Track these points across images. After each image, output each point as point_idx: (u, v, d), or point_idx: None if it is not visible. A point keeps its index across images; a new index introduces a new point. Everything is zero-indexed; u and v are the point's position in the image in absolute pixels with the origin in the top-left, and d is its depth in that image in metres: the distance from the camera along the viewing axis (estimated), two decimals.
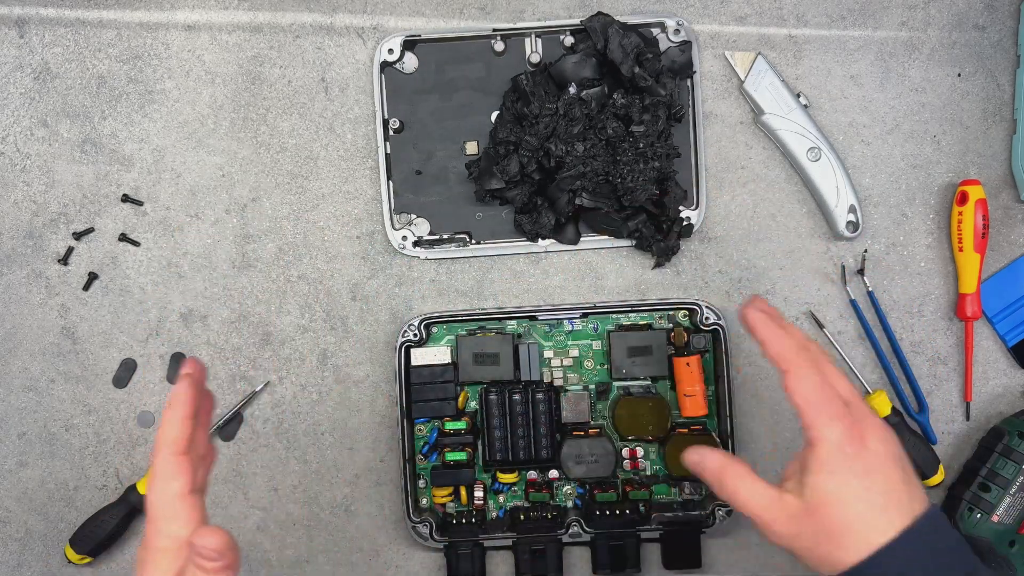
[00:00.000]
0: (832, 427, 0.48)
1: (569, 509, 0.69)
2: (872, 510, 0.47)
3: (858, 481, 0.47)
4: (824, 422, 0.48)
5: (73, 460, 0.70)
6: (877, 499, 0.47)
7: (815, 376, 0.49)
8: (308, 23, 0.70)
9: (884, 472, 0.48)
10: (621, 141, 0.65)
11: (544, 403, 0.67)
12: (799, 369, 0.49)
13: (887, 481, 0.48)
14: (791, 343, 0.50)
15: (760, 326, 0.51)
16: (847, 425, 0.48)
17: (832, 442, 0.48)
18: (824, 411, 0.48)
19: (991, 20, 0.69)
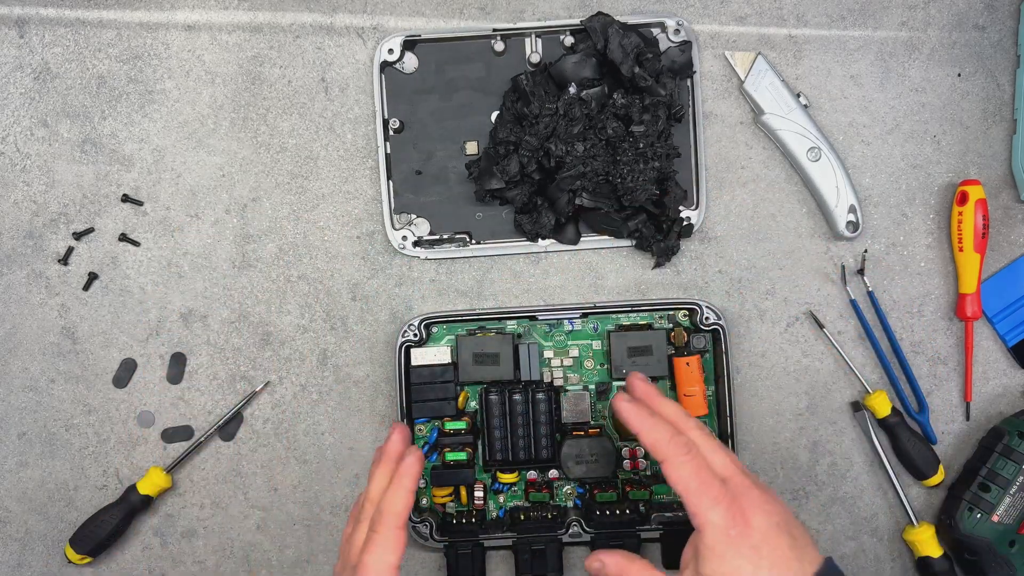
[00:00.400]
0: (714, 511, 0.49)
1: (569, 509, 0.69)
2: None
3: (746, 561, 0.49)
4: (706, 507, 0.49)
5: (73, 460, 0.70)
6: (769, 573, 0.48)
7: (690, 463, 0.50)
8: (308, 23, 0.70)
9: (770, 544, 0.49)
10: (621, 141, 0.65)
11: (544, 403, 0.67)
12: (674, 458, 0.51)
13: (774, 553, 0.49)
14: (663, 433, 0.51)
15: (632, 418, 0.52)
16: (727, 506, 0.49)
17: (716, 526, 0.49)
18: (704, 496, 0.50)
19: (991, 20, 0.69)
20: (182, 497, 0.70)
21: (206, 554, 0.70)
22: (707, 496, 0.49)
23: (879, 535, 0.70)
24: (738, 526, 0.49)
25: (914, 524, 0.68)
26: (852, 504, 0.70)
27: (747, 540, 0.49)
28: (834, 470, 0.70)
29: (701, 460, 0.51)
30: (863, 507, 0.70)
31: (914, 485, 0.70)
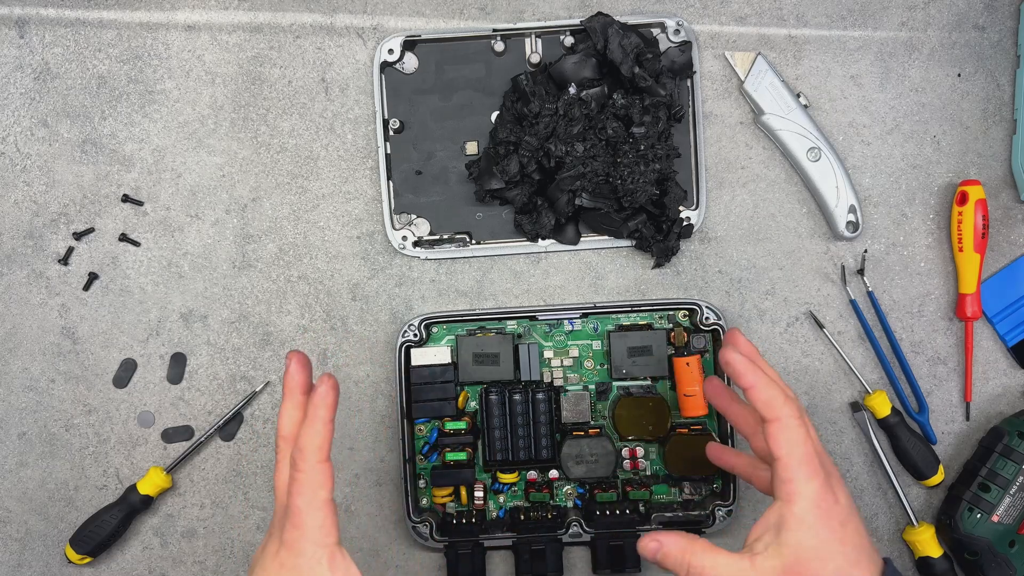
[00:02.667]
0: (812, 482, 0.48)
1: (569, 509, 0.69)
2: (848, 563, 0.48)
3: (834, 536, 0.48)
4: (805, 477, 0.48)
5: (73, 460, 0.70)
6: (851, 552, 0.48)
7: (802, 431, 0.49)
8: (308, 23, 0.70)
9: (854, 525, 0.49)
10: (622, 143, 0.65)
11: (544, 403, 0.67)
12: (789, 420, 0.49)
13: (857, 534, 0.49)
14: (779, 392, 0.49)
15: (745, 371, 0.50)
16: (823, 479, 0.48)
17: (809, 498, 0.48)
18: (805, 466, 0.48)
19: (991, 20, 0.69)
20: (182, 497, 0.70)
21: (206, 554, 0.70)
22: (808, 466, 0.48)
23: (879, 535, 0.70)
24: (828, 501, 0.48)
25: (914, 524, 0.68)
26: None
27: (836, 516, 0.48)
28: None
29: (809, 429, 0.50)
30: (863, 507, 0.70)
31: (914, 485, 0.70)
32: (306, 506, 0.46)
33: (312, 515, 0.46)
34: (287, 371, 0.50)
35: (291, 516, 0.46)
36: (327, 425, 0.47)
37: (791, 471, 0.48)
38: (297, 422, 0.49)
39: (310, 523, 0.46)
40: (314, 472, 0.46)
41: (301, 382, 0.50)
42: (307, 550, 0.46)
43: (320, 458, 0.47)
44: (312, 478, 0.46)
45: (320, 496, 0.46)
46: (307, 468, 0.46)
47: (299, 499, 0.46)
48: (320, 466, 0.46)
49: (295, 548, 0.46)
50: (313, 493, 0.46)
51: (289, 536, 0.46)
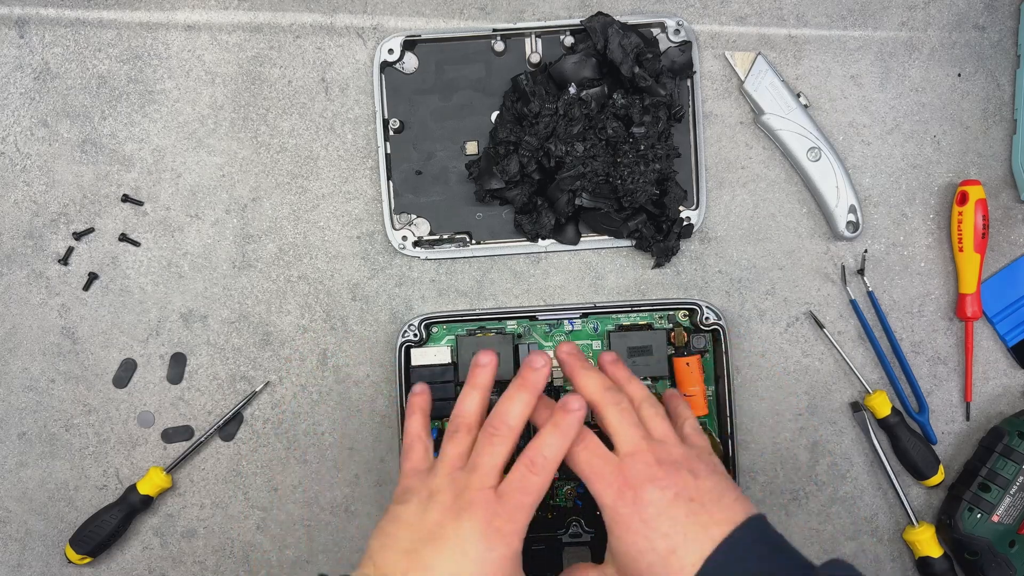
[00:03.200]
0: (605, 494, 0.51)
1: (569, 509, 0.69)
2: (660, 558, 0.48)
3: (638, 536, 0.49)
4: (598, 491, 0.51)
5: (73, 460, 0.70)
6: (660, 544, 0.49)
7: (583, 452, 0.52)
8: (308, 23, 0.70)
9: (664, 516, 0.49)
10: (622, 143, 0.65)
11: None
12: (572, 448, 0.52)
13: (666, 525, 0.49)
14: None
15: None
16: (618, 487, 0.50)
17: (609, 506, 0.51)
18: (596, 480, 0.51)
19: (991, 20, 0.69)
20: (182, 497, 0.70)
21: (206, 554, 0.70)
22: (597, 481, 0.51)
23: (879, 535, 0.70)
24: (628, 504, 0.50)
25: (914, 524, 0.68)
26: (852, 504, 0.70)
27: (638, 516, 0.50)
28: (834, 470, 0.70)
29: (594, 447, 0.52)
30: (863, 507, 0.70)
31: (914, 485, 0.70)
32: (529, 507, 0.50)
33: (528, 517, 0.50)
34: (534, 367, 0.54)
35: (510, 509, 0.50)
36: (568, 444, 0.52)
37: (590, 488, 0.52)
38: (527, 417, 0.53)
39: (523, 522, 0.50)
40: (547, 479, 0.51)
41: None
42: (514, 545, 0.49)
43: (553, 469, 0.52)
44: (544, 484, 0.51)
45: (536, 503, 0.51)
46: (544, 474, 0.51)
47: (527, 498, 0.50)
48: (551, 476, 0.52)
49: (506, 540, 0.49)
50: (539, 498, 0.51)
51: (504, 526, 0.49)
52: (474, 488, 0.50)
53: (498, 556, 0.48)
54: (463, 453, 0.53)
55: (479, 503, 0.50)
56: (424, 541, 0.49)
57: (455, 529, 0.49)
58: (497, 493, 0.50)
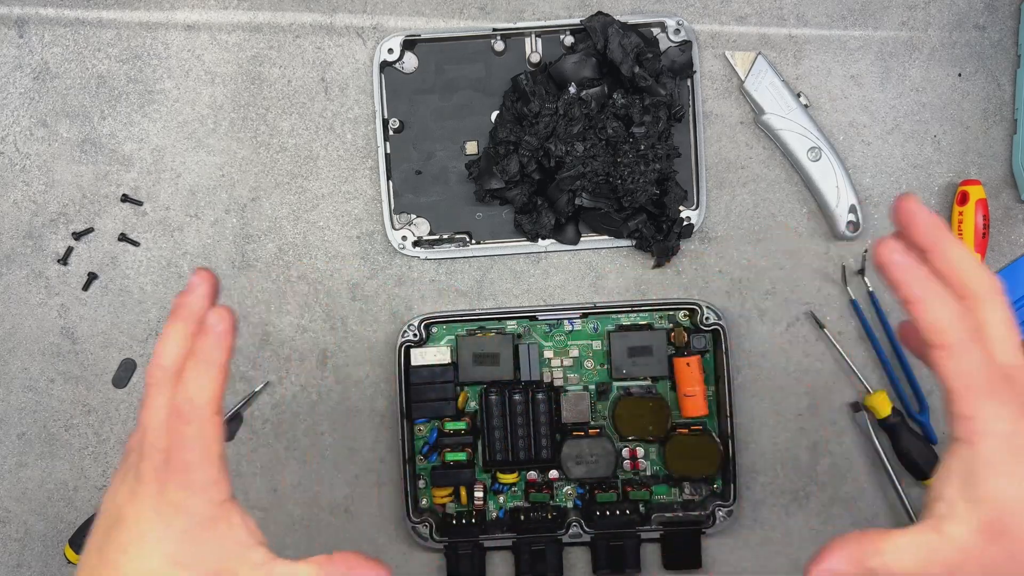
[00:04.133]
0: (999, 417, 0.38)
1: (569, 509, 0.69)
2: None
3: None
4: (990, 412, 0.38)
5: (73, 460, 0.70)
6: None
7: (978, 355, 0.38)
8: (308, 23, 0.70)
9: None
10: (622, 143, 0.65)
11: (544, 403, 0.67)
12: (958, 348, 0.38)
13: None
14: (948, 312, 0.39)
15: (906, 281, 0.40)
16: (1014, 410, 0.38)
17: (1001, 434, 0.37)
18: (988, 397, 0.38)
19: (991, 20, 0.69)
20: None
21: None
22: (992, 398, 0.38)
23: None
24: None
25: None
26: (852, 504, 0.70)
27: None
28: (834, 470, 0.70)
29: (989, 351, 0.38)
30: (863, 507, 0.70)
31: (914, 485, 0.70)
32: (197, 462, 0.41)
33: (205, 471, 0.41)
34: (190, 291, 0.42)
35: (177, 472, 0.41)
36: (222, 370, 0.41)
37: (969, 405, 0.38)
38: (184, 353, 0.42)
39: (202, 480, 0.41)
40: (206, 425, 0.41)
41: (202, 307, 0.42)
42: (200, 509, 0.41)
43: (213, 410, 0.41)
44: (203, 431, 0.41)
45: (213, 450, 0.41)
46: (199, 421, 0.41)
47: (188, 454, 0.41)
48: (213, 418, 0.41)
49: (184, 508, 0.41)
50: (205, 447, 0.41)
51: (176, 495, 0.41)
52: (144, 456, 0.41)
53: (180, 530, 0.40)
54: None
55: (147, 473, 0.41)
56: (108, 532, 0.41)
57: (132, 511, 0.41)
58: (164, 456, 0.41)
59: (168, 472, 0.41)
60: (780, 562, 0.69)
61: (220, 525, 0.41)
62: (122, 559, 0.40)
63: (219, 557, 0.41)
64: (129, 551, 0.41)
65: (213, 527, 0.41)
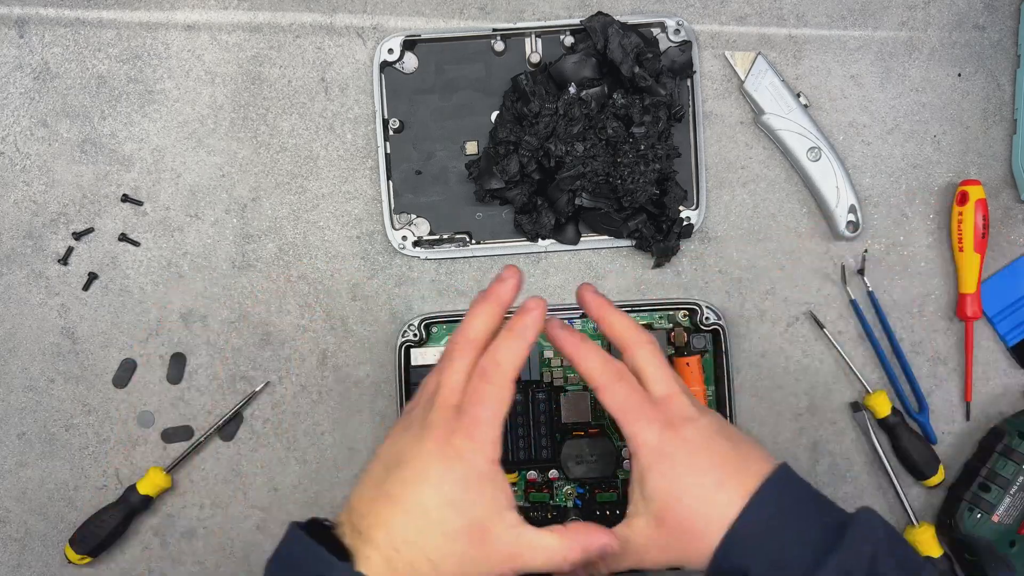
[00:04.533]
0: (648, 430, 0.48)
1: (569, 509, 0.69)
2: (708, 491, 0.47)
3: (684, 471, 0.47)
4: (640, 428, 0.48)
5: (73, 460, 0.70)
6: (707, 479, 0.47)
7: (624, 389, 0.49)
8: (308, 23, 0.70)
9: (708, 450, 0.48)
10: (622, 143, 0.65)
11: (544, 403, 0.67)
12: (609, 385, 0.49)
13: (713, 458, 0.48)
14: (595, 360, 0.50)
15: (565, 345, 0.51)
16: (660, 424, 0.48)
17: (652, 444, 0.48)
18: (638, 418, 0.48)
19: (991, 20, 0.69)
20: (182, 497, 0.70)
21: (206, 554, 0.70)
22: (639, 419, 0.48)
23: None
24: (672, 442, 0.48)
25: (914, 524, 0.68)
26: (852, 504, 0.69)
27: (682, 451, 0.48)
28: (834, 470, 0.70)
29: (633, 384, 0.50)
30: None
31: (914, 485, 0.70)
32: (488, 419, 0.47)
33: (491, 429, 0.47)
34: (502, 281, 0.51)
35: (467, 424, 0.47)
36: (528, 348, 0.49)
37: (626, 427, 0.49)
38: (488, 330, 0.50)
39: (487, 437, 0.47)
40: (504, 388, 0.48)
41: (509, 299, 0.51)
42: (478, 463, 0.46)
43: (513, 376, 0.48)
44: (501, 393, 0.47)
45: (502, 412, 0.47)
46: (499, 382, 0.48)
47: (482, 410, 0.47)
48: (510, 384, 0.48)
49: (466, 458, 0.46)
50: (498, 408, 0.47)
51: (462, 444, 0.46)
52: (436, 408, 0.48)
53: (459, 476, 0.46)
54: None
55: (437, 423, 0.47)
56: (389, 470, 0.47)
57: (416, 453, 0.47)
58: (456, 411, 0.47)
59: (458, 423, 0.47)
60: None
61: (490, 482, 0.46)
62: (402, 492, 0.46)
63: (484, 510, 0.46)
64: (409, 486, 0.46)
65: (484, 481, 0.46)
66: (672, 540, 0.48)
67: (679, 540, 0.47)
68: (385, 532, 0.45)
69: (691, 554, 0.47)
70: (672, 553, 0.48)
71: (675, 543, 0.48)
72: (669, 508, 0.47)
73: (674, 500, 0.47)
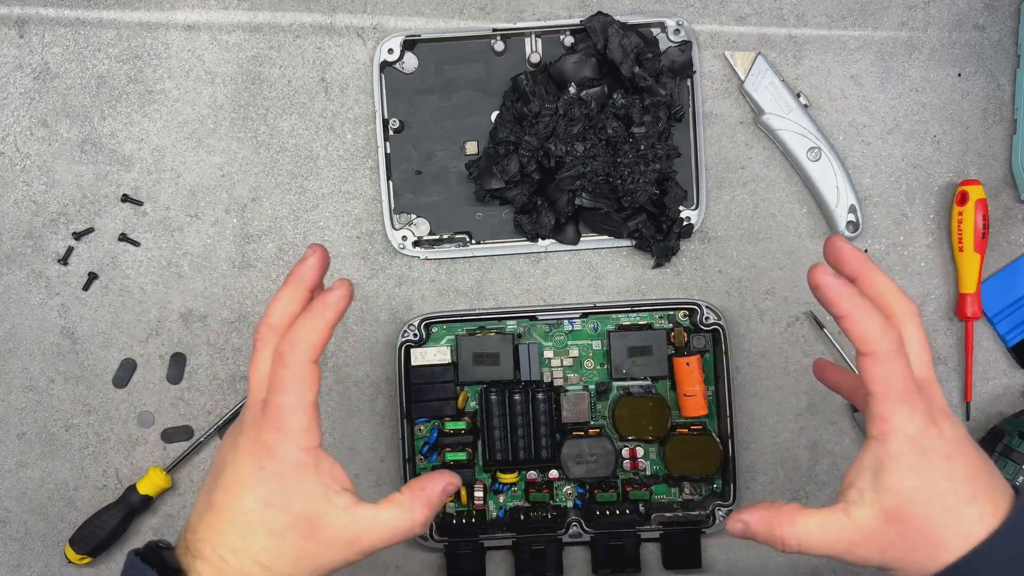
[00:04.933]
0: (911, 420, 0.43)
1: (569, 509, 0.69)
2: (961, 500, 0.42)
3: (939, 473, 0.43)
4: (902, 415, 0.43)
5: (73, 460, 0.70)
6: (963, 488, 0.43)
7: (900, 365, 0.43)
8: (308, 23, 0.70)
9: (964, 456, 0.44)
10: (622, 143, 0.65)
11: (544, 403, 0.67)
12: (884, 355, 0.43)
13: (969, 467, 0.43)
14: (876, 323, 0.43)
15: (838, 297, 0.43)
16: (923, 414, 0.43)
17: (907, 436, 0.43)
18: (902, 403, 0.43)
19: (991, 20, 0.69)
20: (182, 497, 0.70)
21: None
22: (906, 402, 0.43)
23: None
24: (931, 437, 0.43)
25: None
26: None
27: (939, 451, 0.43)
28: (834, 470, 0.70)
29: (906, 361, 0.44)
30: None
31: None
32: (291, 406, 0.43)
33: (297, 416, 0.43)
34: (303, 261, 0.46)
35: (271, 416, 0.43)
36: (329, 328, 0.44)
37: (886, 408, 0.43)
38: (292, 315, 0.45)
39: (294, 425, 0.43)
40: (304, 370, 0.43)
41: (313, 278, 0.46)
42: (290, 454, 0.43)
43: (312, 357, 0.43)
44: (301, 376, 0.43)
45: (307, 397, 0.43)
46: (296, 365, 0.43)
47: (283, 397, 0.43)
48: (311, 366, 0.43)
49: (276, 452, 0.43)
50: (300, 393, 0.43)
51: (269, 438, 0.43)
52: (247, 406, 0.45)
53: (272, 472, 0.43)
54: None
55: (247, 420, 0.45)
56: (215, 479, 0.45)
57: (232, 457, 0.44)
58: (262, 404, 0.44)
59: (264, 417, 0.44)
60: (780, 562, 0.69)
61: (308, 470, 0.44)
62: (223, 499, 0.44)
63: (307, 501, 0.44)
64: (228, 491, 0.44)
65: (302, 471, 0.43)
66: (901, 541, 0.43)
67: (910, 543, 0.43)
68: (211, 544, 0.43)
69: (917, 561, 0.43)
70: (893, 554, 0.43)
71: (903, 545, 0.43)
72: (913, 508, 0.42)
73: (922, 502, 0.42)
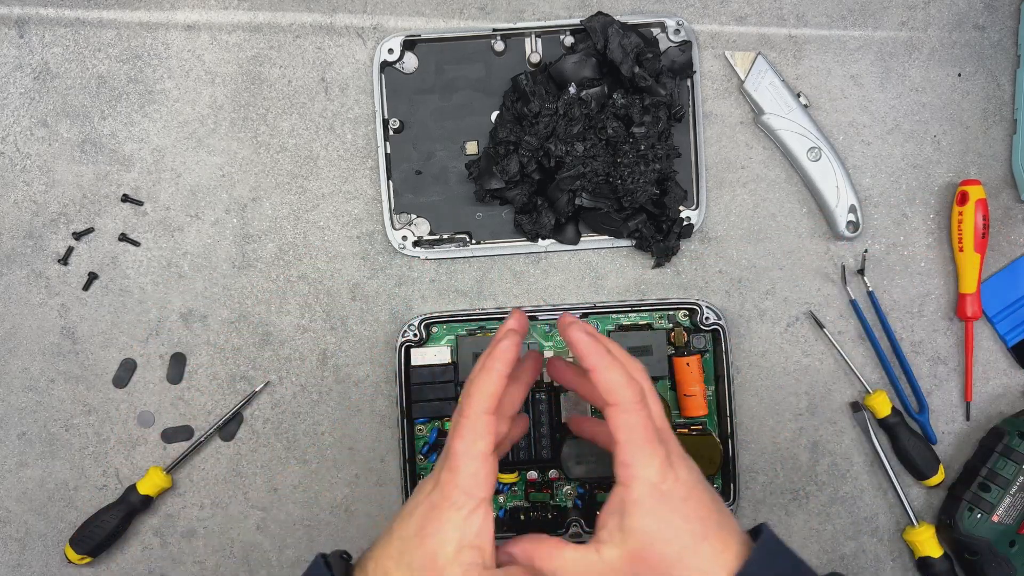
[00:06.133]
0: (649, 466, 0.47)
1: (569, 509, 0.69)
2: (695, 539, 0.46)
3: (676, 514, 0.47)
4: (643, 461, 0.47)
5: (73, 460, 0.70)
6: (697, 527, 0.47)
7: (641, 414, 0.48)
8: (308, 23, 0.70)
9: (698, 498, 0.47)
10: (622, 143, 0.65)
11: (544, 403, 0.67)
12: (627, 404, 0.48)
13: (702, 507, 0.47)
14: (620, 375, 0.48)
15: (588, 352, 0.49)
16: (662, 459, 0.47)
17: (648, 481, 0.47)
18: (644, 450, 0.47)
19: (991, 20, 0.69)
20: (182, 497, 0.70)
21: (206, 554, 0.70)
22: (646, 449, 0.47)
23: (879, 535, 0.70)
24: (668, 480, 0.47)
25: (914, 524, 0.68)
26: (852, 504, 0.70)
27: (676, 493, 0.47)
28: (834, 470, 0.70)
29: (648, 411, 0.48)
30: (863, 507, 0.70)
31: (914, 485, 0.70)
32: (463, 452, 0.47)
33: (468, 463, 0.47)
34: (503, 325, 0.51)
35: (448, 458, 0.48)
36: (501, 378, 0.48)
37: (628, 454, 0.47)
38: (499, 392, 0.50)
39: (464, 470, 0.47)
40: (477, 420, 0.48)
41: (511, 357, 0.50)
42: (454, 496, 0.47)
43: (486, 408, 0.48)
44: (474, 425, 0.47)
45: (478, 446, 0.47)
46: (471, 415, 0.48)
47: (458, 443, 0.47)
48: (485, 416, 0.48)
49: (444, 490, 0.47)
50: (472, 441, 0.47)
51: (443, 477, 0.47)
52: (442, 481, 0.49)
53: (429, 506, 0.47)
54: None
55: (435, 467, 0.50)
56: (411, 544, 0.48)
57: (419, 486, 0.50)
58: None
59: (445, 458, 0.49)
60: None
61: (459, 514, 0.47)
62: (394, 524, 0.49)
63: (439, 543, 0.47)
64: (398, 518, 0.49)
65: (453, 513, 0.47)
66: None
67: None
68: (374, 561, 0.48)
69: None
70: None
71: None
72: (654, 548, 0.46)
73: (663, 541, 0.46)
